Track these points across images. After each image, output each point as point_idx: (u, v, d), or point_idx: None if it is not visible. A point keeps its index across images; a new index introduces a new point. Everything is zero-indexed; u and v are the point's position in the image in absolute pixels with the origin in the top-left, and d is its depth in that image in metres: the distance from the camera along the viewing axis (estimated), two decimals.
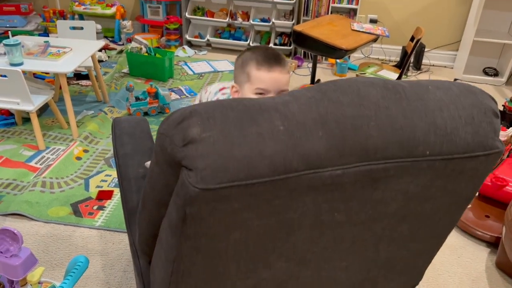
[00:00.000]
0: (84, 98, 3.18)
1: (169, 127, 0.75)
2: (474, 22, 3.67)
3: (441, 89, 0.89)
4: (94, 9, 4.22)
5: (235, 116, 0.75)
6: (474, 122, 0.85)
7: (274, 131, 0.75)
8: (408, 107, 0.82)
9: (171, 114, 0.79)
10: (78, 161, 2.44)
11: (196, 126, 0.73)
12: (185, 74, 3.70)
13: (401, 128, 0.80)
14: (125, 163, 1.35)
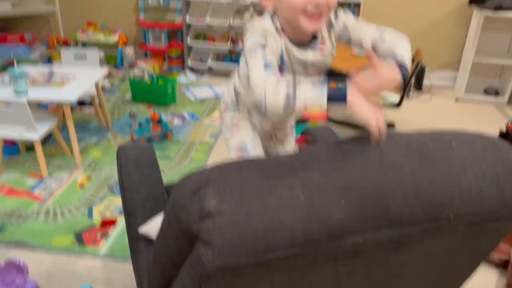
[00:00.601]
0: (87, 125, 3.19)
1: (185, 197, 0.73)
2: (473, 44, 3.71)
3: (465, 145, 0.86)
4: (97, 37, 4.29)
5: (253, 183, 0.73)
6: (500, 181, 0.83)
7: (294, 200, 0.72)
8: (434, 170, 0.80)
9: (186, 180, 0.76)
10: (81, 188, 2.44)
11: (213, 197, 0.70)
12: (187, 99, 3.73)
13: (427, 194, 0.78)
14: (131, 197, 1.32)
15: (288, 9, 1.04)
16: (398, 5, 4.01)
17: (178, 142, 2.98)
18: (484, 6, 3.56)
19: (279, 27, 1.10)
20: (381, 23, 4.09)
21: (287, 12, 1.05)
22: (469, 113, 3.65)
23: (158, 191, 1.38)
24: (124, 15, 4.49)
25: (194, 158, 2.79)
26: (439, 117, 3.56)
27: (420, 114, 3.59)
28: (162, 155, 2.81)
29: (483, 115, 3.62)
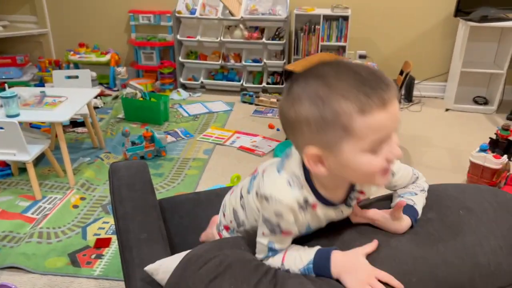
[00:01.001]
0: (80, 145, 3.19)
1: (200, 283, 0.69)
2: (460, 54, 3.77)
3: (474, 213, 0.82)
4: (89, 58, 4.31)
5: (268, 280, 0.71)
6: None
7: None
8: (446, 251, 0.76)
9: (203, 261, 0.72)
10: (75, 209, 2.42)
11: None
12: (180, 116, 3.74)
13: (445, 279, 0.74)
14: (125, 227, 1.27)
15: (363, 174, 0.77)
16: (385, 18, 4.07)
17: (171, 159, 2.98)
18: (469, 18, 3.63)
19: (312, 198, 0.85)
20: (369, 36, 4.15)
21: (359, 177, 0.81)
22: (459, 123, 3.69)
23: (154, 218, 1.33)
24: (115, 35, 4.53)
25: (188, 175, 2.79)
26: (429, 127, 3.59)
27: (411, 124, 3.63)
28: (156, 173, 2.81)
29: (473, 124, 3.66)
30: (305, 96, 0.73)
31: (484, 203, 0.85)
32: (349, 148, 0.73)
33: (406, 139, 3.34)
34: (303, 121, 0.74)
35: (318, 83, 0.73)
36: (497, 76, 3.84)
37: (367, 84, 0.71)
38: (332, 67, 0.75)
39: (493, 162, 2.42)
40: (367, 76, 0.72)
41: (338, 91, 0.71)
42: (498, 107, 3.87)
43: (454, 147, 3.23)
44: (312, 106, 0.72)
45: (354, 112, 0.70)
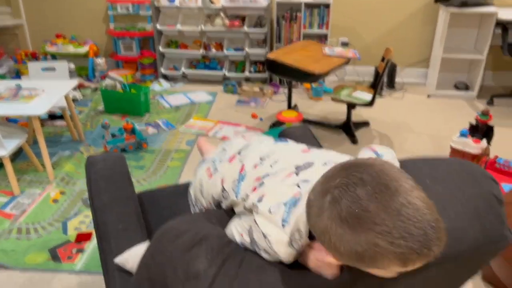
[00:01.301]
0: (60, 139, 3.13)
1: (176, 252, 0.71)
2: (441, 40, 3.78)
3: (440, 181, 0.84)
4: (67, 49, 4.21)
5: (240, 251, 0.74)
6: (480, 216, 0.82)
7: (273, 262, 0.72)
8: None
9: (179, 233, 0.74)
10: (55, 204, 2.38)
11: (204, 260, 0.69)
12: (162, 107, 3.69)
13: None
14: (102, 218, 1.26)
15: None
16: (366, 5, 4.06)
17: (153, 151, 2.94)
18: (450, 3, 3.64)
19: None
20: (350, 24, 4.13)
21: None
22: (441, 109, 3.72)
23: (131, 209, 1.32)
24: (93, 25, 4.43)
25: (170, 167, 2.76)
26: (412, 113, 3.61)
27: (393, 111, 3.64)
28: (137, 165, 2.77)
29: (454, 109, 3.69)
30: (351, 241, 0.66)
31: (451, 172, 0.87)
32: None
33: (389, 125, 3.36)
34: (334, 248, 0.69)
35: (365, 230, 0.65)
36: (477, 62, 3.87)
37: (419, 245, 0.65)
38: (381, 214, 0.65)
39: (473, 147, 2.44)
40: (421, 237, 0.65)
41: (386, 248, 0.65)
42: (479, 93, 3.91)
43: (436, 133, 3.26)
44: (350, 249, 0.67)
45: (394, 265, 0.67)
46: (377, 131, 3.29)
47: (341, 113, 3.42)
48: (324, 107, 3.72)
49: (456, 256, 0.79)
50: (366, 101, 3.01)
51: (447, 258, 0.78)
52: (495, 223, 0.83)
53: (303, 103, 3.80)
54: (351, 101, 3.04)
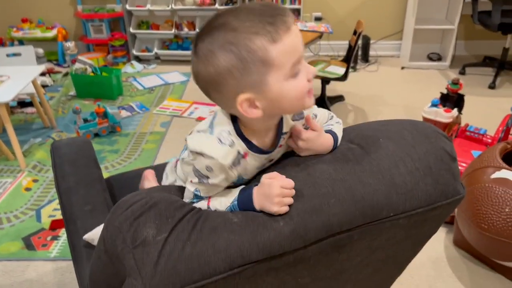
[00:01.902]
0: (31, 126, 3.06)
1: (125, 222, 0.71)
2: (413, 11, 3.78)
3: (393, 140, 0.86)
4: (34, 33, 4.09)
5: (191, 216, 0.73)
6: (433, 172, 0.83)
7: (227, 223, 0.72)
8: (363, 173, 0.80)
9: (131, 203, 0.73)
10: (27, 192, 2.34)
11: (153, 225, 0.69)
12: (135, 90, 3.63)
13: (363, 198, 0.77)
14: (68, 200, 1.26)
15: (295, 99, 0.81)
16: None
17: (127, 135, 2.90)
18: None
19: (243, 148, 0.86)
20: None
21: (292, 103, 0.82)
22: (415, 80, 3.75)
23: (98, 191, 1.32)
24: (61, 8, 4.29)
25: (145, 149, 2.73)
26: (386, 85, 3.63)
27: (368, 84, 3.66)
28: (112, 149, 2.73)
29: (428, 80, 3.73)
30: (217, 48, 0.74)
31: (403, 131, 0.87)
32: (274, 80, 0.76)
33: (364, 99, 3.37)
34: (224, 72, 0.75)
35: (223, 31, 0.74)
36: (449, 32, 3.90)
37: (266, 14, 0.74)
38: (228, 13, 0.76)
39: (444, 116, 2.47)
40: (263, 8, 0.75)
41: (246, 30, 0.73)
42: (451, 63, 3.95)
43: (410, 104, 3.29)
44: (227, 53, 0.74)
45: (267, 43, 0.73)
46: (352, 105, 3.31)
47: (316, 89, 3.42)
48: None
49: (411, 212, 0.81)
50: (339, 75, 3.01)
51: (402, 214, 0.80)
52: (448, 178, 0.84)
53: None
54: (324, 76, 3.04)
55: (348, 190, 0.77)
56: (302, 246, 0.73)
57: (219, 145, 0.82)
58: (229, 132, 0.84)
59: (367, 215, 0.78)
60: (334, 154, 0.84)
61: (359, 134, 0.89)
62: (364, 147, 0.84)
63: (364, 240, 0.82)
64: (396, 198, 0.79)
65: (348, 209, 0.76)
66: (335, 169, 0.80)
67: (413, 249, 0.99)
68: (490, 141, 2.33)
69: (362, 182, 0.78)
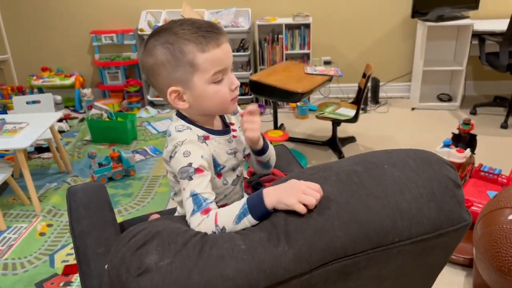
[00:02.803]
0: (47, 171, 3.11)
1: (128, 252, 0.72)
2: (421, 54, 3.86)
3: (398, 166, 0.87)
4: (53, 81, 4.24)
5: (196, 240, 0.73)
6: (437, 198, 0.83)
7: (235, 250, 0.72)
8: (368, 197, 0.80)
9: (134, 233, 0.75)
10: (41, 237, 2.35)
11: (155, 252, 0.70)
12: (149, 134, 3.70)
13: (367, 221, 0.78)
14: (82, 243, 1.27)
15: (217, 102, 1.01)
16: (345, 24, 4.15)
17: (141, 178, 2.94)
18: (426, 18, 3.73)
19: (201, 132, 1.05)
20: (332, 43, 4.20)
21: (214, 105, 1.02)
22: (425, 120, 3.76)
23: (111, 234, 1.34)
24: (79, 57, 4.47)
25: (158, 192, 2.75)
26: (397, 126, 3.65)
27: (379, 125, 3.68)
28: (125, 193, 2.76)
29: (438, 120, 3.74)
30: (159, 44, 0.96)
31: (407, 159, 0.88)
32: (198, 81, 0.97)
33: (375, 140, 3.38)
34: (160, 64, 0.97)
35: (167, 33, 0.96)
36: (458, 73, 3.94)
37: (203, 30, 0.95)
38: (178, 22, 0.98)
39: (457, 156, 2.46)
40: (204, 24, 0.97)
41: (183, 37, 0.94)
42: (462, 103, 3.97)
43: (421, 144, 3.28)
44: (165, 50, 0.95)
45: (197, 51, 0.94)
46: (363, 146, 3.32)
47: (327, 130, 3.45)
48: (310, 125, 3.75)
49: (417, 238, 0.81)
50: (349, 116, 3.04)
51: (407, 240, 0.80)
52: (452, 205, 0.84)
53: (289, 122, 3.83)
54: (336, 118, 3.07)
55: (352, 213, 0.77)
56: (308, 270, 0.73)
57: (180, 133, 1.01)
58: (182, 125, 1.04)
59: (372, 239, 0.77)
60: (339, 176, 0.84)
61: (364, 160, 0.90)
62: (369, 171, 0.85)
63: (372, 268, 0.80)
64: (401, 223, 0.79)
65: (352, 232, 0.76)
66: (340, 191, 0.80)
67: (424, 281, 0.97)
68: (505, 181, 2.30)
69: (366, 206, 0.79)
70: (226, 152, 1.10)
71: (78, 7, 4.26)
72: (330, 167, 0.87)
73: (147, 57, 0.98)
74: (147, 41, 0.99)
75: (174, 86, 0.98)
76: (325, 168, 0.88)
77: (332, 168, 0.87)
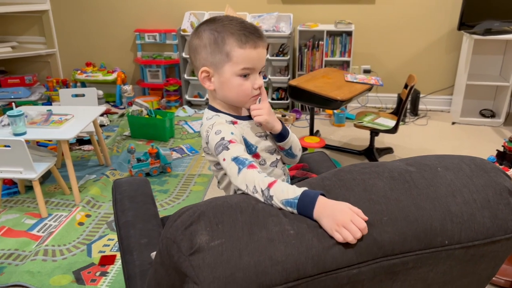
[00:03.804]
0: (87, 163, 3.21)
1: (177, 232, 0.73)
2: (465, 67, 3.76)
3: (451, 170, 0.86)
4: (96, 76, 4.37)
5: (244, 220, 0.74)
6: (491, 205, 0.82)
7: (284, 235, 0.72)
8: (419, 196, 0.80)
9: (179, 214, 0.76)
10: (80, 226, 2.42)
11: (205, 232, 0.71)
12: (185, 133, 3.76)
13: (416, 220, 0.77)
14: (126, 233, 1.31)
15: (238, 94, 1.14)
16: (389, 33, 4.09)
17: (177, 176, 2.98)
18: (473, 31, 3.64)
19: (229, 118, 1.18)
20: (372, 51, 4.15)
21: (235, 95, 1.15)
22: (466, 136, 3.66)
23: (154, 226, 1.37)
24: (122, 54, 4.59)
25: (193, 191, 2.79)
26: (436, 140, 3.57)
27: (417, 138, 3.61)
28: (161, 189, 2.81)
29: (480, 137, 3.63)
30: (208, 29, 1.11)
31: (461, 164, 0.87)
32: (228, 70, 1.10)
33: (413, 153, 3.32)
34: (202, 45, 1.11)
35: (218, 23, 1.11)
36: (503, 89, 3.82)
37: (247, 30, 1.09)
38: (230, 17, 1.12)
39: None
40: (250, 26, 1.11)
41: (229, 30, 1.08)
42: (505, 120, 3.85)
43: None
44: (211, 35, 1.10)
45: (236, 45, 1.08)
46: (400, 158, 3.25)
47: (363, 140, 3.41)
48: (346, 134, 3.71)
49: (467, 244, 0.79)
50: (389, 127, 2.99)
51: (457, 245, 0.78)
52: (507, 213, 0.82)
53: (325, 129, 3.81)
54: (375, 127, 3.04)
55: (402, 211, 0.77)
56: (356, 262, 0.73)
57: (209, 120, 1.17)
58: (211, 114, 1.18)
59: (421, 239, 0.77)
60: (391, 173, 0.84)
61: (417, 161, 0.89)
62: (422, 172, 0.84)
63: (420, 269, 0.79)
64: (451, 227, 0.78)
65: (401, 229, 0.76)
66: (391, 188, 0.80)
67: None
68: None
69: (417, 205, 0.78)
70: (255, 135, 1.21)
71: (123, 6, 4.38)
72: (383, 164, 0.87)
73: (195, 38, 1.14)
74: (199, 25, 1.14)
75: (207, 67, 1.12)
76: (378, 164, 0.88)
77: (385, 165, 0.87)
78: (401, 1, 3.98)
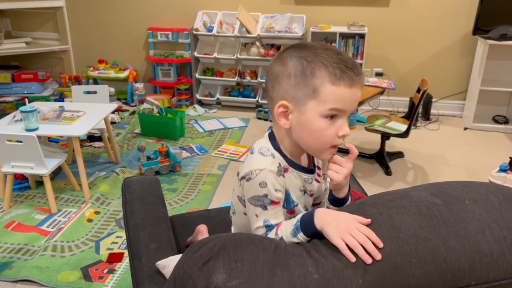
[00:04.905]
0: (97, 160, 3.23)
1: (194, 266, 0.71)
2: (479, 72, 3.72)
3: (479, 203, 0.82)
4: (108, 73, 4.39)
5: (265, 259, 0.71)
6: None
7: (307, 279, 0.69)
8: (449, 235, 0.76)
9: (199, 245, 0.74)
10: (89, 223, 2.44)
11: (222, 271, 0.69)
12: (195, 132, 3.76)
13: (445, 261, 0.74)
14: (136, 236, 1.30)
15: (317, 140, 0.94)
16: (402, 36, 4.06)
17: (186, 175, 2.99)
18: (488, 36, 3.59)
19: (283, 162, 0.99)
20: (385, 54, 4.12)
21: (312, 140, 0.95)
22: (479, 142, 3.62)
23: (164, 229, 1.36)
24: (134, 52, 4.61)
25: (202, 190, 2.79)
26: (447, 146, 3.53)
27: (429, 143, 3.57)
28: (170, 188, 2.81)
29: (493, 143, 3.59)
30: (296, 56, 0.91)
31: (489, 195, 0.84)
32: (312, 108, 0.90)
33: (424, 157, 3.29)
34: (286, 74, 0.91)
35: (309, 50, 0.90)
36: None
37: (344, 65, 0.88)
38: (325, 45, 0.92)
39: None
40: (348, 59, 0.90)
41: (322, 61, 0.88)
42: None
43: (473, 166, 3.16)
44: (298, 64, 0.90)
45: (327, 80, 0.88)
46: (411, 163, 3.23)
47: (374, 143, 3.38)
48: (357, 137, 3.69)
49: (493, 283, 0.76)
50: (401, 131, 2.97)
51: (484, 284, 0.76)
52: None
53: None
54: (386, 131, 3.01)
55: (431, 251, 0.74)
56: None
57: (262, 157, 0.98)
58: (268, 148, 1.00)
59: (447, 281, 0.74)
60: (419, 207, 0.81)
61: (442, 191, 0.85)
62: (449, 205, 0.81)
63: None
64: (479, 267, 0.75)
65: (429, 271, 0.73)
66: (420, 226, 0.77)
67: None
68: None
69: (446, 245, 0.75)
70: (299, 189, 1.03)
71: (137, 4, 4.40)
72: (408, 196, 0.84)
73: (277, 64, 0.94)
74: (285, 50, 0.95)
75: (287, 102, 0.92)
76: (403, 196, 0.84)
77: (411, 197, 0.83)
78: (415, 4, 3.94)
